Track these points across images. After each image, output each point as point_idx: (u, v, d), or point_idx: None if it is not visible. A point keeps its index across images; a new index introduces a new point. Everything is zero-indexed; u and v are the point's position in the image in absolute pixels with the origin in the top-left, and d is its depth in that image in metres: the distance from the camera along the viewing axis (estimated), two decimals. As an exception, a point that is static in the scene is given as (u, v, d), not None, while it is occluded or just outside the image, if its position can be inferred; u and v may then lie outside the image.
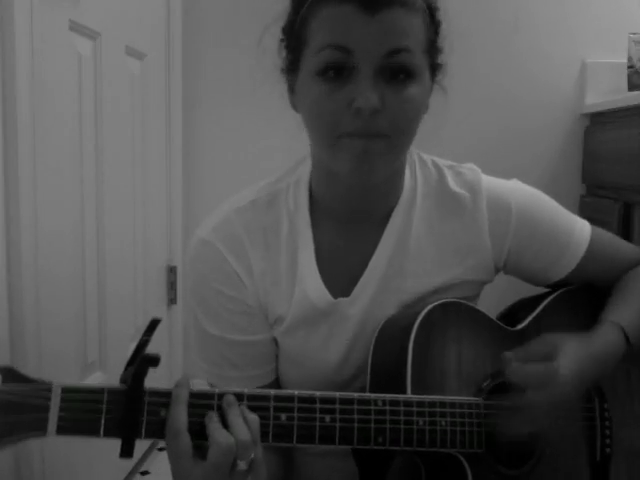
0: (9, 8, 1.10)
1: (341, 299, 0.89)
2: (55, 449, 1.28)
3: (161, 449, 1.75)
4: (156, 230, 1.91)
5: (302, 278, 0.88)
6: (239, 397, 0.72)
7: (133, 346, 0.70)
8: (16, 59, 1.12)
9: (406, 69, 0.78)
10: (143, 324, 0.72)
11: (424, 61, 0.81)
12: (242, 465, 0.68)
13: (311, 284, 0.88)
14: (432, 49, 0.83)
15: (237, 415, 0.70)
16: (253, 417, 0.70)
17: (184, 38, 2.00)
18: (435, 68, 0.85)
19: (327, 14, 0.78)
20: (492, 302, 0.98)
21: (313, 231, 0.89)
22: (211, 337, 0.89)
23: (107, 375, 1.51)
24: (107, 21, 1.51)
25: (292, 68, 0.84)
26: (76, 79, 1.37)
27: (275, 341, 0.92)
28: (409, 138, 0.83)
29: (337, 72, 0.77)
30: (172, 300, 2.03)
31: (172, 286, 2.02)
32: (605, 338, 0.85)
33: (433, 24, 0.83)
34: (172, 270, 2.01)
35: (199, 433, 0.68)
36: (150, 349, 0.70)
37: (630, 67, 1.92)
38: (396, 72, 0.77)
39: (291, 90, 0.86)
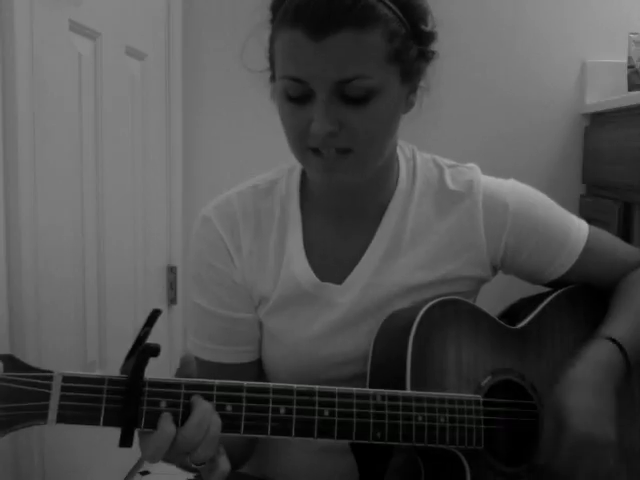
0: (9, 8, 1.11)
1: (330, 284, 0.90)
2: (55, 449, 1.28)
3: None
4: (156, 230, 1.91)
5: (289, 259, 0.91)
6: (237, 389, 0.72)
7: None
8: (16, 59, 1.12)
9: (364, 91, 0.78)
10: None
11: (389, 70, 0.79)
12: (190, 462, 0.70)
13: (297, 265, 0.90)
14: (402, 54, 0.80)
15: (197, 412, 0.70)
16: (216, 420, 0.70)
17: (184, 38, 2.00)
18: (410, 71, 0.82)
19: (283, 40, 0.79)
20: (493, 301, 0.98)
21: (303, 218, 0.92)
22: (199, 309, 0.93)
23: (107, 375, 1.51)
24: (107, 21, 1.51)
25: (272, 77, 0.86)
26: (76, 79, 1.37)
27: (260, 325, 0.94)
28: (378, 148, 0.84)
29: (298, 95, 0.79)
30: (172, 300, 2.03)
31: (172, 286, 2.02)
32: (600, 357, 0.84)
33: (407, 22, 0.80)
34: (172, 270, 2.02)
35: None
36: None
37: (630, 67, 1.92)
38: (354, 92, 0.77)
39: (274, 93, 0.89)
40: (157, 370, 0.71)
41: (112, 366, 1.53)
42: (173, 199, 2.01)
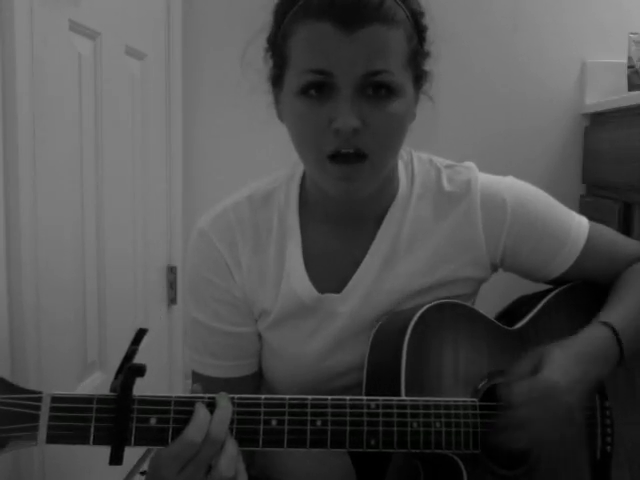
0: (9, 8, 1.10)
1: (330, 295, 0.90)
2: (55, 449, 1.27)
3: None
4: (156, 230, 1.91)
5: (288, 274, 0.90)
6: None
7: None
8: (16, 59, 1.12)
9: (386, 87, 0.78)
10: (147, 325, 0.72)
11: (406, 74, 0.81)
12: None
13: (297, 279, 0.89)
14: (415, 59, 0.82)
15: (222, 410, 0.70)
16: (233, 445, 0.70)
17: (184, 38, 2.00)
18: (420, 77, 0.85)
19: (306, 33, 0.78)
20: (493, 300, 0.98)
21: (302, 228, 0.91)
22: (197, 324, 0.92)
23: (107, 375, 1.51)
24: (107, 21, 1.51)
25: (277, 81, 0.85)
26: (76, 79, 1.37)
27: (259, 336, 0.93)
28: (392, 155, 0.84)
29: (318, 90, 0.78)
30: (172, 300, 2.03)
31: (172, 286, 2.02)
32: (591, 337, 0.84)
33: (417, 32, 0.82)
34: (172, 270, 2.01)
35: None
36: (150, 348, 0.70)
37: (630, 67, 1.92)
38: (376, 89, 0.78)
39: (277, 101, 0.87)
40: (157, 370, 0.71)
41: (112, 366, 1.51)
42: (173, 199, 2.00)
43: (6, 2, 1.10)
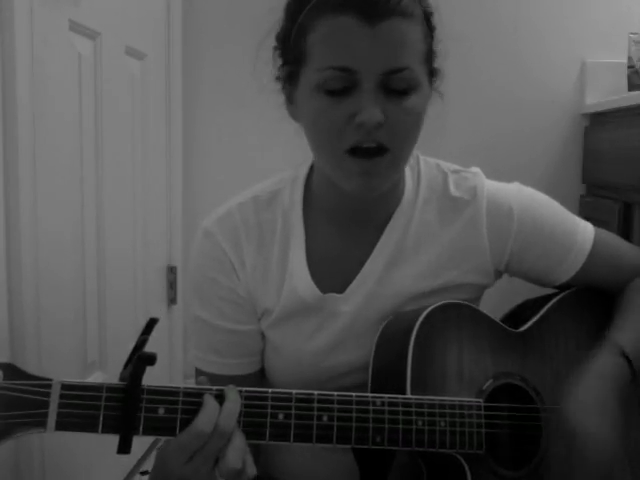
0: (9, 8, 1.10)
1: (332, 294, 0.90)
2: (55, 449, 1.28)
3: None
4: (156, 230, 1.91)
5: (291, 273, 0.90)
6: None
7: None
8: (16, 59, 1.12)
9: (407, 83, 0.79)
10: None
11: (423, 70, 0.81)
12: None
13: (299, 279, 0.90)
14: (430, 56, 0.83)
15: (231, 402, 0.71)
16: (240, 438, 0.71)
17: (184, 38, 2.00)
18: (433, 74, 0.86)
19: (326, 28, 0.77)
20: (497, 303, 0.98)
21: (306, 228, 0.91)
22: (201, 322, 0.93)
23: (107, 375, 1.51)
24: (107, 21, 1.51)
25: (290, 79, 0.84)
26: (76, 79, 1.37)
27: (262, 335, 0.94)
28: (410, 150, 0.84)
29: (339, 86, 0.78)
30: (172, 300, 2.03)
31: (172, 286, 2.02)
32: (616, 373, 0.84)
33: (429, 30, 0.83)
34: (172, 270, 2.01)
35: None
36: (150, 349, 0.70)
37: (630, 67, 1.92)
38: (397, 85, 0.78)
39: (289, 100, 0.87)
40: (157, 370, 0.71)
41: (112, 366, 1.53)
42: (173, 199, 2.00)
43: (6, 2, 1.10)
